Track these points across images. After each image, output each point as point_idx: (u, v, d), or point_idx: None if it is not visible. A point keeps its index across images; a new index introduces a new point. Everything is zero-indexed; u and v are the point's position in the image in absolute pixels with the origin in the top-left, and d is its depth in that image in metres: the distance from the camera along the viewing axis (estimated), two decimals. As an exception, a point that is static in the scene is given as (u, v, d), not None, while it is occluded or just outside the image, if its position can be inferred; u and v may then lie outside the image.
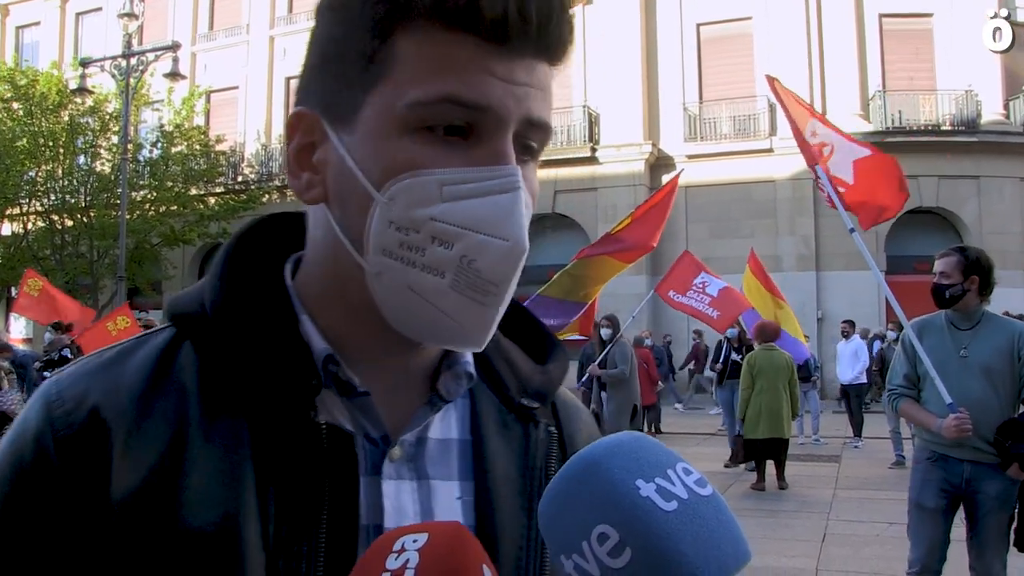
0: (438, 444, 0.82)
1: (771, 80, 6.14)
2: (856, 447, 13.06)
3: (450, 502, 0.80)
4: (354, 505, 0.74)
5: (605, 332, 10.06)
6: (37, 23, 31.19)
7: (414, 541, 0.61)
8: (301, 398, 0.75)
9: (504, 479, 0.83)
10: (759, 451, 9.93)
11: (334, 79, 0.74)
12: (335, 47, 0.74)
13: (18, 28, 31.85)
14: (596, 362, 10.03)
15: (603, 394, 10.28)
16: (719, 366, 12.13)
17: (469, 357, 0.84)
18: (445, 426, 0.83)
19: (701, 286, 11.96)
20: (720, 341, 12.50)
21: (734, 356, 11.94)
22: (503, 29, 0.69)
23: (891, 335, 12.40)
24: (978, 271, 4.19)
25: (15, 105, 23.66)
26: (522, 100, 0.72)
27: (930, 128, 21.71)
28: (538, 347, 0.94)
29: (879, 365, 12.21)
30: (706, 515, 0.64)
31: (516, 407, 0.87)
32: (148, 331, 0.82)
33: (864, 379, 13.47)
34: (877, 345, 15.17)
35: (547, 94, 0.75)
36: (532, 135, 0.75)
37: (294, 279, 0.82)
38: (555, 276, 7.97)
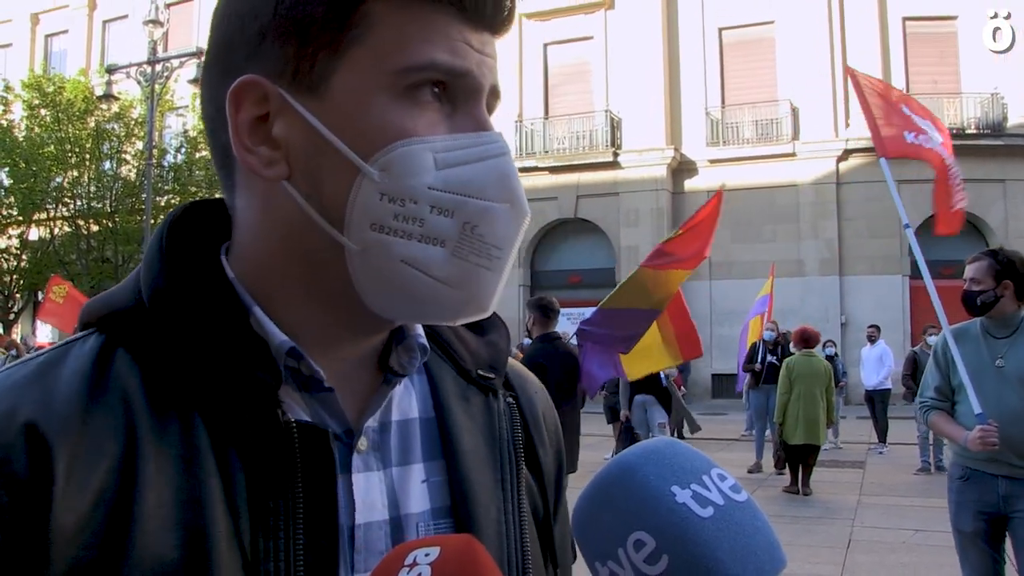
0: (400, 426, 0.79)
1: (851, 73, 5.79)
2: (881, 453, 12.94)
3: (416, 486, 0.78)
4: (333, 508, 0.70)
5: None
6: (65, 31, 31.55)
7: (426, 555, 0.60)
8: (264, 396, 0.69)
9: (474, 454, 0.81)
10: (793, 456, 10.01)
11: (293, 44, 0.69)
12: (295, 10, 0.69)
13: (47, 36, 32.23)
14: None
15: (637, 397, 10.21)
16: (758, 366, 11.94)
17: (420, 330, 0.81)
18: (405, 406, 0.81)
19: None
20: (756, 343, 12.31)
21: (770, 358, 11.79)
22: (480, 6, 0.71)
23: (932, 340, 12.13)
24: (1012, 275, 3.93)
25: (43, 112, 23.98)
26: (491, 70, 0.73)
27: (954, 132, 21.46)
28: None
29: (911, 369, 11.74)
30: (742, 521, 0.65)
31: (474, 379, 0.85)
32: (67, 339, 0.73)
33: (888, 384, 13.34)
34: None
35: (497, 65, 0.76)
36: (492, 103, 0.76)
37: (232, 269, 0.76)
38: (615, 290, 7.68)
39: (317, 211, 0.70)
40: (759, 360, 11.90)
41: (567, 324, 14.05)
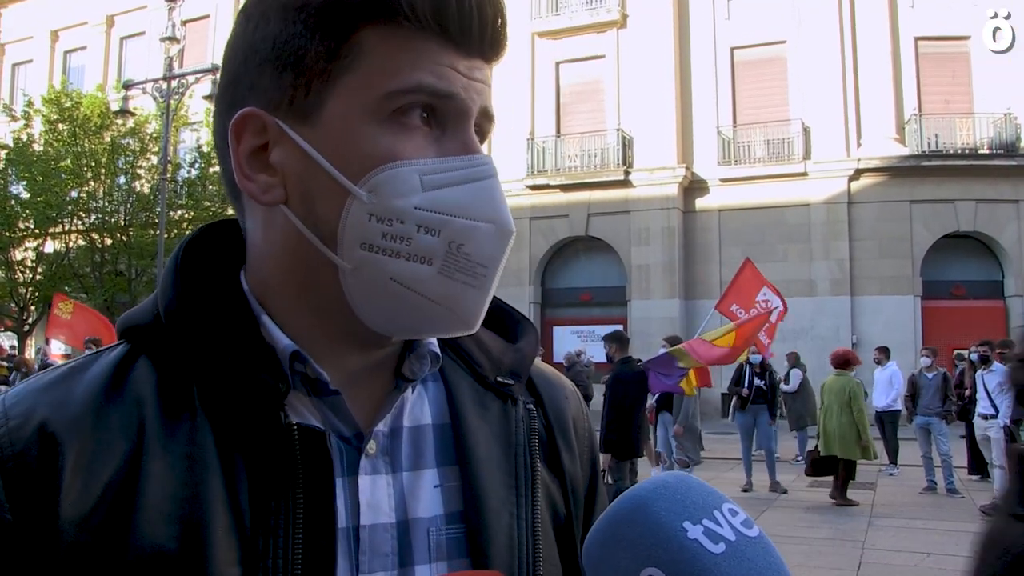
0: (412, 432, 0.81)
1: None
2: (891, 474, 12.87)
3: (427, 491, 0.79)
4: (330, 509, 0.72)
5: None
6: (84, 48, 31.83)
7: None
8: (268, 399, 0.73)
9: (487, 460, 0.82)
10: (829, 468, 10.77)
11: (290, 75, 0.73)
12: (290, 45, 0.73)
13: (66, 53, 32.53)
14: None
15: (660, 416, 10.55)
16: (745, 391, 12.01)
17: (433, 340, 0.83)
18: (418, 412, 0.83)
19: (764, 303, 12.13)
20: (742, 366, 12.28)
21: (757, 382, 11.90)
22: (467, 33, 0.73)
23: (924, 361, 12.29)
24: None
25: (60, 127, 24.19)
26: (480, 94, 0.76)
27: (967, 152, 21.44)
28: (507, 327, 0.95)
29: (911, 391, 12.16)
30: (753, 557, 0.65)
31: (492, 386, 0.87)
32: (100, 349, 0.79)
33: (898, 405, 13.30)
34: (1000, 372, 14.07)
35: (491, 89, 0.79)
36: (485, 125, 0.79)
37: (248, 283, 0.81)
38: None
39: (312, 232, 0.74)
40: (745, 383, 11.95)
41: (577, 342, 14.05)
